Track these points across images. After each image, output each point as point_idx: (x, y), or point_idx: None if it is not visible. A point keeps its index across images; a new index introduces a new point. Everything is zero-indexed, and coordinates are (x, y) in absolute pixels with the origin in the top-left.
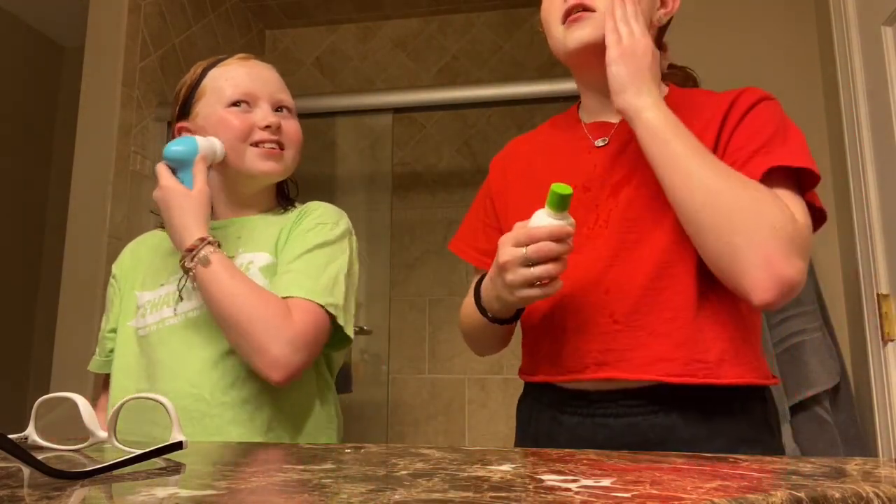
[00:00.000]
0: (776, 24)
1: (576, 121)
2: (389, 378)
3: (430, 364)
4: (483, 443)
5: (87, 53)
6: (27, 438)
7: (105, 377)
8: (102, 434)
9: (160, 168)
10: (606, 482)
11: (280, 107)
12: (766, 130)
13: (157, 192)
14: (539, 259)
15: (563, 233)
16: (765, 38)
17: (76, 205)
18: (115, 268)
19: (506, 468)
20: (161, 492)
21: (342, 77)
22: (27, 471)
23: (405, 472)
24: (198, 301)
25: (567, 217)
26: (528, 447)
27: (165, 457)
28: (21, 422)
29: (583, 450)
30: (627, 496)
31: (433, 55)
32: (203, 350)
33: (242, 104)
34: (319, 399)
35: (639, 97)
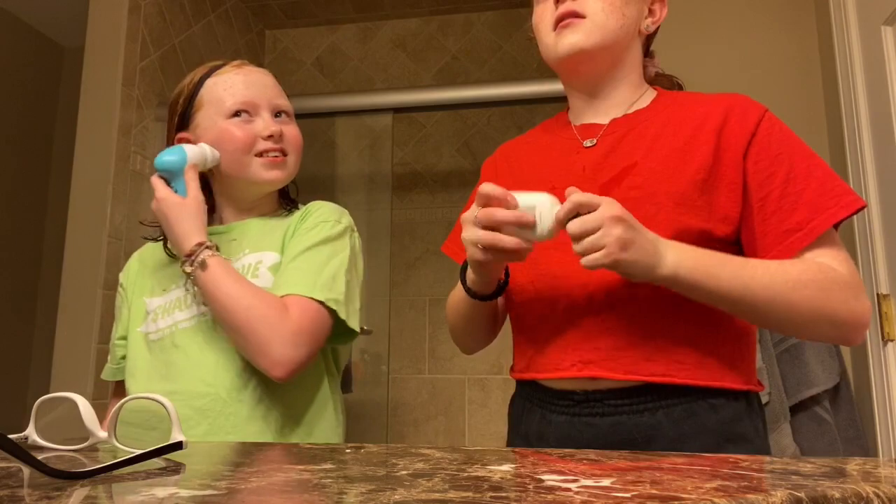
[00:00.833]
0: (776, 25)
1: (565, 123)
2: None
3: (430, 364)
4: (483, 443)
5: (87, 53)
6: (27, 438)
7: (117, 384)
8: (102, 434)
9: (154, 180)
10: (606, 482)
11: (279, 112)
12: (798, 181)
13: (154, 204)
14: (485, 224)
15: (522, 221)
16: (765, 39)
17: (76, 205)
18: (122, 277)
19: (506, 468)
20: (161, 492)
21: (342, 77)
22: (27, 471)
23: (405, 472)
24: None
25: (552, 230)
26: (519, 444)
27: (165, 457)
28: (21, 422)
29: (582, 450)
30: (627, 496)
31: (433, 55)
32: (217, 351)
33: (243, 114)
34: (330, 395)
35: (661, 267)
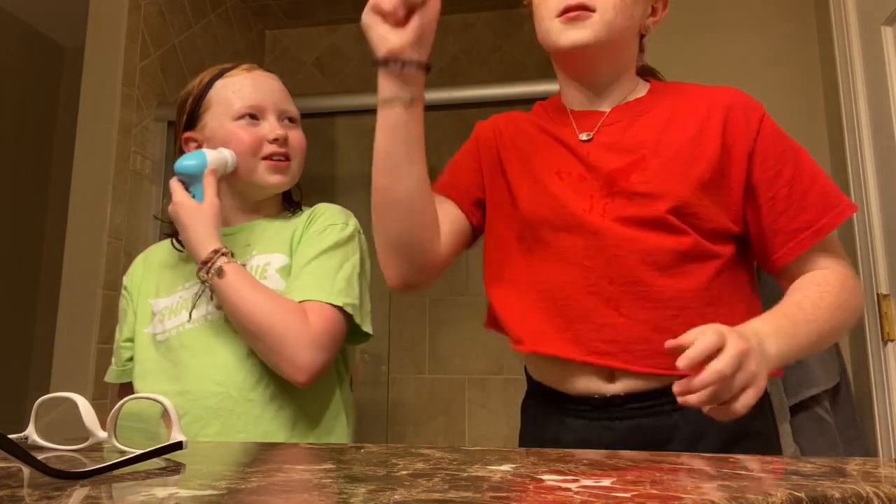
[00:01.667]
0: (776, 25)
1: (561, 108)
2: (389, 378)
3: (430, 364)
4: (483, 443)
5: (87, 53)
6: (27, 438)
7: (121, 387)
8: (102, 434)
9: (173, 184)
10: (606, 482)
11: (285, 117)
12: (803, 181)
13: (171, 208)
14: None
15: None
16: (765, 39)
17: (76, 205)
18: (127, 279)
19: (506, 468)
20: (161, 492)
21: (342, 77)
22: (27, 471)
23: (405, 472)
24: (216, 304)
25: None
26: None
27: (165, 457)
28: (21, 422)
29: (583, 450)
30: (627, 496)
31: (433, 55)
32: (226, 350)
33: (250, 117)
34: (340, 395)
35: (769, 364)
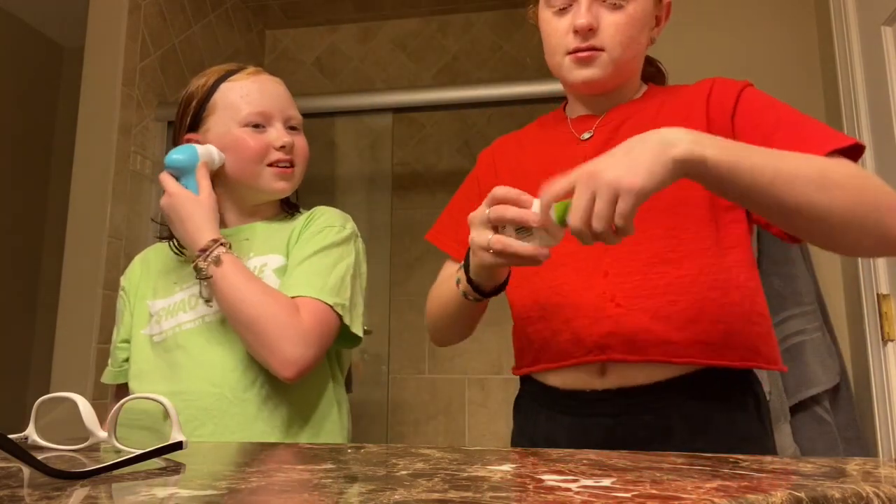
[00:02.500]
0: (776, 24)
1: (562, 118)
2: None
3: (430, 364)
4: (483, 443)
5: (87, 53)
6: (27, 438)
7: (118, 388)
8: (102, 434)
9: (164, 177)
10: (606, 482)
11: (290, 123)
12: (791, 122)
13: (166, 200)
14: (496, 222)
15: (537, 220)
16: (765, 38)
17: (76, 205)
18: (124, 280)
19: (506, 468)
20: (161, 492)
21: (342, 77)
22: (27, 471)
23: (405, 472)
24: (214, 306)
25: (557, 234)
26: (525, 446)
27: (165, 457)
28: (21, 422)
29: (583, 450)
30: (627, 496)
31: (433, 55)
32: (222, 351)
33: (257, 124)
34: (335, 396)
35: (673, 147)
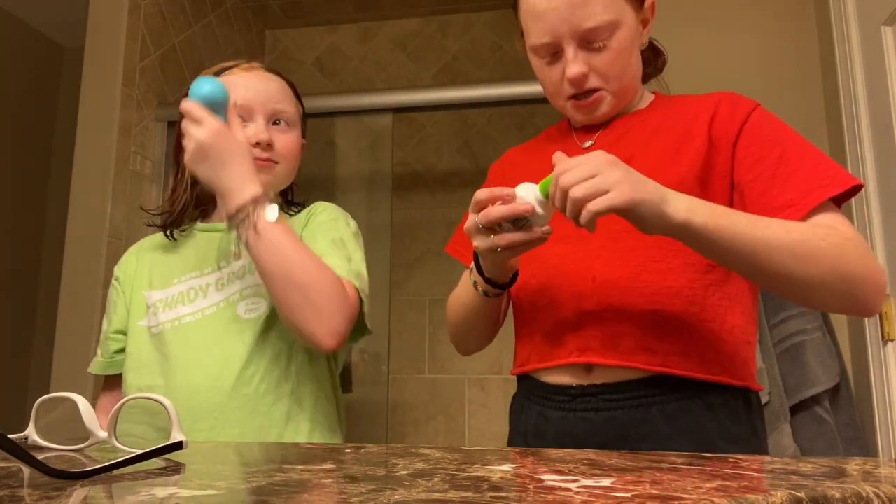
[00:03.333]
0: (776, 25)
1: (567, 129)
2: (389, 378)
3: (430, 364)
4: (483, 443)
5: (87, 53)
6: (27, 438)
7: (107, 378)
8: (102, 434)
9: (197, 108)
10: (606, 482)
11: (277, 119)
12: (790, 163)
13: (206, 136)
14: (486, 224)
15: (519, 210)
16: (765, 39)
17: (76, 205)
18: (118, 270)
19: (506, 468)
20: (161, 492)
21: (342, 77)
22: (27, 471)
23: (405, 472)
24: (214, 299)
25: (548, 210)
26: (518, 441)
27: (165, 457)
28: (21, 422)
29: (582, 450)
30: (627, 496)
31: (433, 55)
32: (221, 346)
33: (238, 118)
34: (332, 391)
35: (674, 211)
